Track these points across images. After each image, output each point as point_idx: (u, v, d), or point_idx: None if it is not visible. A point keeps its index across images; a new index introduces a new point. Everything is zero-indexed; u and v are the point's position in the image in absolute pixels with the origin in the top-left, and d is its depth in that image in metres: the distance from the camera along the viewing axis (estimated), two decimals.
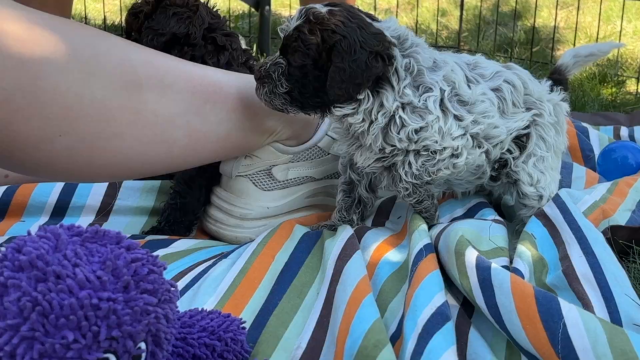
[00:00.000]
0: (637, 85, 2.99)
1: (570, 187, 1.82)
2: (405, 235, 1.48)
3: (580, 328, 1.06)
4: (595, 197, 1.63)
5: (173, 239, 1.59)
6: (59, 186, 1.70)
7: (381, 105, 1.39)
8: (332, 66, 1.32)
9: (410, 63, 1.41)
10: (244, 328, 1.11)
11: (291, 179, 1.65)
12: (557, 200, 1.48)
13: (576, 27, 3.47)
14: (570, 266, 1.30)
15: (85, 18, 3.90)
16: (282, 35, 1.39)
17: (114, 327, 0.84)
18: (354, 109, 1.39)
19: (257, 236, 1.48)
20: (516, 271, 1.29)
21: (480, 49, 3.47)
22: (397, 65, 1.39)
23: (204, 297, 1.29)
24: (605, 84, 2.99)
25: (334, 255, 1.33)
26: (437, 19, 3.88)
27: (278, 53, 1.40)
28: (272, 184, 1.64)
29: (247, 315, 1.25)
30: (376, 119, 1.40)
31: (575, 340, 1.05)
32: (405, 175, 1.45)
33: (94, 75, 1.32)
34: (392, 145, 1.42)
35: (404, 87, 1.39)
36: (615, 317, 1.18)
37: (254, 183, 1.63)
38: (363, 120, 1.41)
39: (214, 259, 1.43)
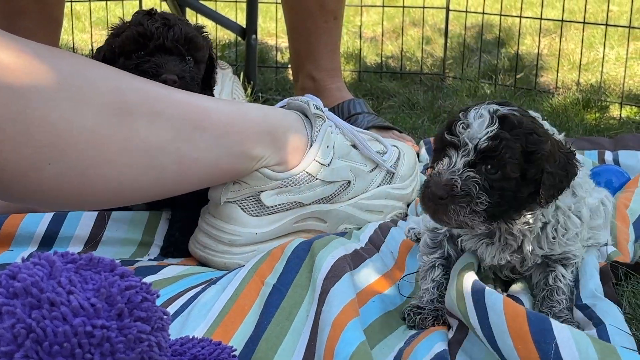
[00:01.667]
0: (621, 110, 3.02)
1: None
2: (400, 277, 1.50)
3: (572, 349, 1.07)
4: (611, 246, 1.63)
5: (161, 265, 1.59)
6: (47, 216, 1.69)
7: (556, 205, 1.33)
8: (545, 173, 1.22)
9: None
10: (234, 356, 1.11)
11: (279, 205, 1.65)
12: None
13: (559, 54, 3.51)
14: None
15: (73, 48, 3.90)
16: (468, 142, 1.22)
17: (108, 355, 0.84)
18: (534, 213, 1.31)
19: (246, 262, 1.49)
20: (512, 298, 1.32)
21: (464, 76, 3.51)
22: None
23: (194, 324, 1.29)
24: (589, 109, 3.02)
25: (322, 274, 1.33)
26: (422, 47, 3.91)
27: (461, 165, 1.22)
28: (260, 209, 1.65)
29: (237, 341, 1.25)
30: (549, 220, 1.33)
31: None
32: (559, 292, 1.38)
33: (84, 104, 1.33)
34: (541, 248, 1.35)
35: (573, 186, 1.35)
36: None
37: (242, 209, 1.64)
38: (535, 221, 1.32)
39: (203, 285, 1.43)
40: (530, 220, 1.30)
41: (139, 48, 1.69)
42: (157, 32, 1.67)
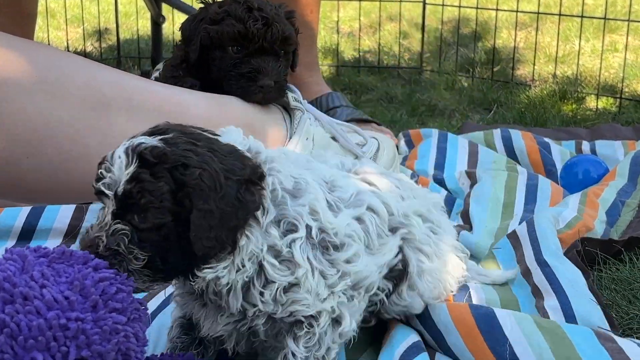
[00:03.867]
0: (597, 102, 3.04)
1: (535, 199, 1.85)
2: None
3: (525, 345, 1.11)
4: (572, 211, 1.65)
5: None
6: (25, 210, 1.68)
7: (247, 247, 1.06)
8: (194, 211, 0.99)
9: (274, 184, 1.08)
10: None
11: None
12: (529, 220, 1.50)
13: (535, 47, 3.52)
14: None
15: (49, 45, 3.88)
16: (106, 191, 1.01)
17: (84, 347, 0.83)
18: (227, 265, 1.05)
19: None
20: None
21: (442, 70, 3.51)
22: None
23: None
24: (565, 101, 3.04)
25: None
26: (399, 42, 3.91)
27: (109, 217, 1.02)
28: None
29: None
30: (243, 265, 1.06)
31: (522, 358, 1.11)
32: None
33: (61, 97, 1.31)
34: (254, 306, 1.08)
35: (269, 222, 1.07)
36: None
37: None
38: (229, 272, 1.06)
39: None
40: (221, 273, 1.05)
41: (237, 45, 1.74)
42: (258, 33, 1.72)
